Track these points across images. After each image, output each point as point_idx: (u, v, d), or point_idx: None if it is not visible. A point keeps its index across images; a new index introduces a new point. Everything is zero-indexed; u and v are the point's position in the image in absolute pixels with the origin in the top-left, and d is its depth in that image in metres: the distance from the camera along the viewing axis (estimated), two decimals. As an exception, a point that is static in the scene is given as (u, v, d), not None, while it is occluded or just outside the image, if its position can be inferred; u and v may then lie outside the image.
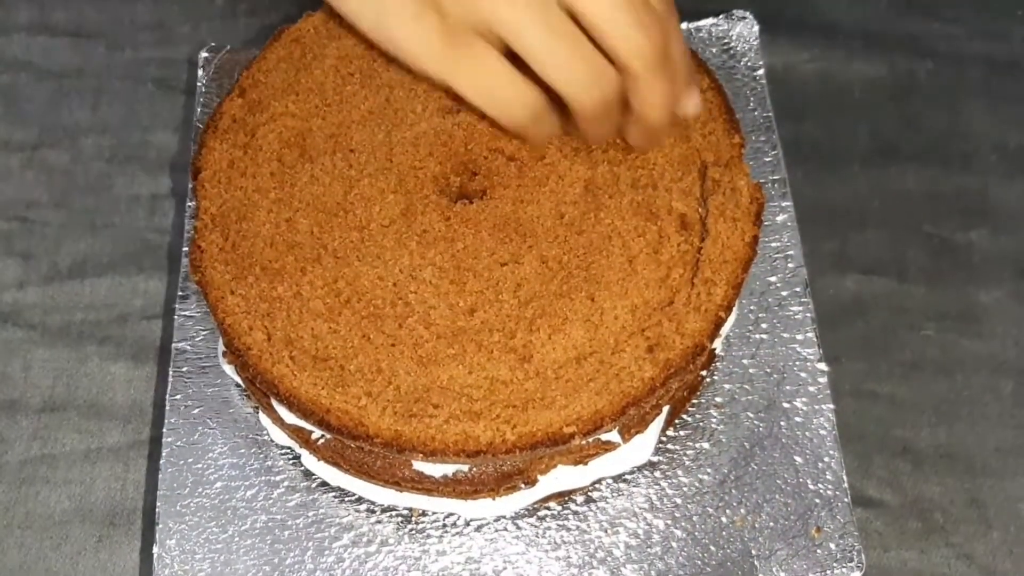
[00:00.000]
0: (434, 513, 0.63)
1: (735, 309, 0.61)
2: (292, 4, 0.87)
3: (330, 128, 0.65)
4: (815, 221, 0.74)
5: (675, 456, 0.64)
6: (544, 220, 0.61)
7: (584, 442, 0.57)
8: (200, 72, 0.77)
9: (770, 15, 0.81)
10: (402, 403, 0.57)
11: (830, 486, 0.62)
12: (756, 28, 0.77)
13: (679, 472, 0.63)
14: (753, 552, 0.61)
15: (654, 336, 0.58)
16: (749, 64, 0.76)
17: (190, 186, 0.69)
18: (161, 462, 0.64)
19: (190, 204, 0.72)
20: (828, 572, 0.60)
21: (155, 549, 0.62)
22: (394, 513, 0.63)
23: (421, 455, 0.57)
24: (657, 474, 0.63)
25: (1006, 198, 0.78)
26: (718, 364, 0.66)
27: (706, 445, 0.64)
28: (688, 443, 0.64)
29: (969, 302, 0.74)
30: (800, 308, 0.67)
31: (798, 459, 0.63)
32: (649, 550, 0.61)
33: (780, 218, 0.70)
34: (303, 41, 0.69)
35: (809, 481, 0.62)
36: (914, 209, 0.78)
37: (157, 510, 0.63)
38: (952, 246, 0.77)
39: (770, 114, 0.74)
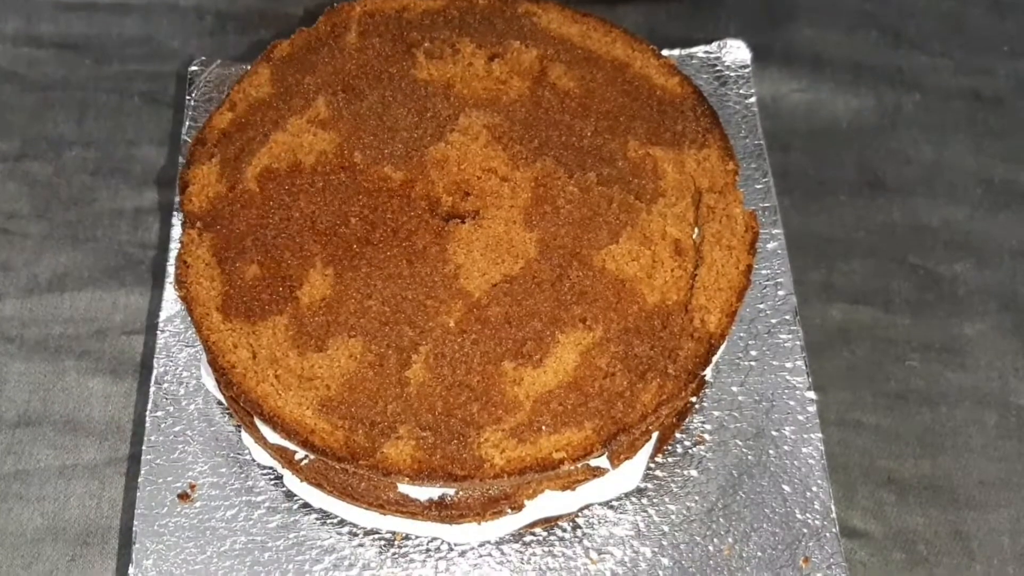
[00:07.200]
0: (417, 537, 0.62)
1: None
2: (282, 22, 0.88)
3: (321, 145, 0.65)
4: (802, 250, 0.74)
5: (663, 483, 0.63)
6: (537, 241, 0.61)
7: (573, 468, 0.57)
8: (189, 85, 0.77)
9: (761, 45, 0.81)
10: (388, 425, 0.56)
11: (818, 516, 0.62)
12: (748, 56, 0.78)
13: (667, 499, 0.63)
14: (740, 582, 0.60)
15: (646, 362, 0.58)
16: (741, 92, 0.76)
17: (177, 200, 0.68)
18: (140, 480, 0.63)
19: (176, 218, 0.71)
20: (815, 603, 0.60)
21: (131, 569, 0.61)
22: (376, 536, 0.62)
23: (407, 478, 0.56)
24: (644, 501, 0.63)
25: (991, 232, 0.79)
26: (707, 391, 0.66)
27: (694, 472, 0.64)
28: (676, 470, 0.64)
29: (954, 334, 0.75)
30: (789, 336, 0.67)
31: (786, 488, 0.63)
32: (635, 578, 0.61)
33: (770, 245, 0.70)
34: (295, 57, 0.68)
35: (797, 510, 0.62)
36: (900, 240, 0.79)
37: (134, 529, 0.62)
38: (937, 278, 0.77)
39: (761, 142, 0.74)
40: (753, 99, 0.76)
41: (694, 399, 0.65)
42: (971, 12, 0.90)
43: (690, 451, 0.64)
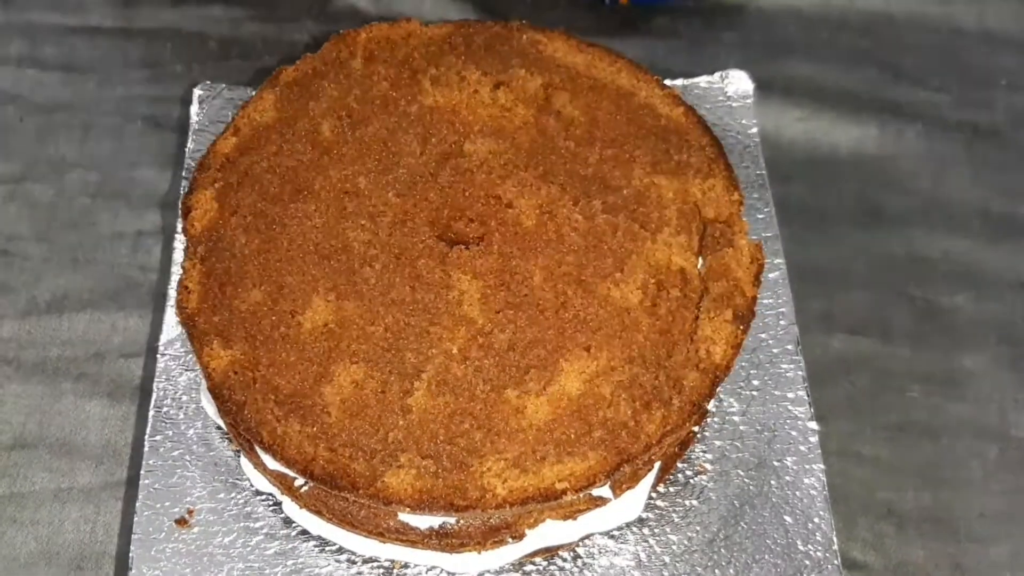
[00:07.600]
0: (416, 566, 0.62)
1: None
2: (287, 49, 0.88)
3: (325, 170, 0.65)
4: (802, 280, 0.74)
5: (664, 513, 0.63)
6: (541, 268, 0.61)
7: (575, 498, 0.56)
8: (194, 109, 0.77)
9: (763, 76, 0.82)
10: (389, 453, 0.56)
11: (819, 547, 0.61)
12: (751, 87, 0.78)
13: (668, 529, 0.62)
14: (741, 614, 0.60)
15: (651, 392, 0.57)
16: (743, 122, 0.77)
17: (179, 225, 0.68)
18: (137, 504, 0.62)
19: (178, 243, 0.71)
20: (816, 635, 0.59)
21: (127, 595, 0.60)
22: (375, 565, 0.62)
23: (407, 507, 0.55)
24: (645, 531, 0.62)
25: (990, 264, 0.79)
26: (708, 420, 0.66)
27: (695, 502, 0.63)
28: (678, 500, 0.63)
29: (953, 366, 0.75)
30: (791, 366, 0.67)
31: (788, 519, 0.62)
32: (635, 609, 0.60)
33: (772, 275, 0.70)
34: (300, 83, 0.68)
35: (799, 542, 0.62)
36: (899, 271, 0.79)
37: (131, 554, 0.61)
38: (936, 309, 0.77)
39: (763, 172, 0.74)
40: (755, 129, 0.76)
41: (696, 428, 0.65)
42: (967, 47, 0.91)
43: (691, 481, 0.64)
